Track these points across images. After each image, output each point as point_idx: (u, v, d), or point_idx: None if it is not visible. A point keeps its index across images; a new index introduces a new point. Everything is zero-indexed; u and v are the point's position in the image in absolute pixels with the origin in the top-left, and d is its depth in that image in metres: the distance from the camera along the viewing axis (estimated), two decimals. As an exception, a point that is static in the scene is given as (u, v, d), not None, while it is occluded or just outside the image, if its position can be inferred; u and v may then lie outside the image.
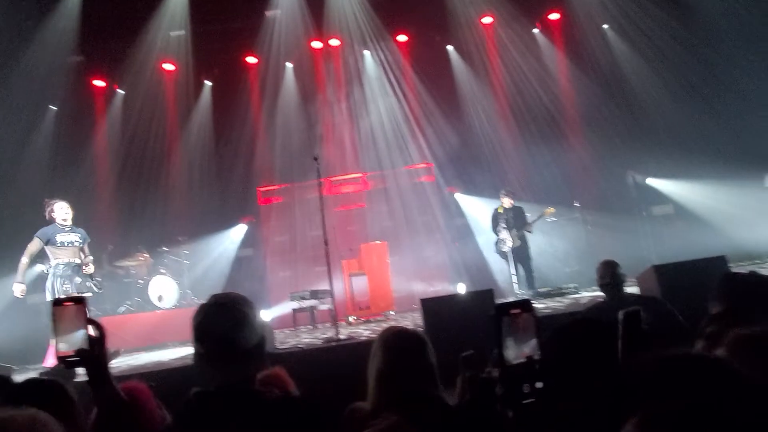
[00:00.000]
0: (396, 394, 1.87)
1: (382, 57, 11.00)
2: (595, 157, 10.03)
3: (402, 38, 11.14)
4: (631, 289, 4.69)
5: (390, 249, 8.49)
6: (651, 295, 4.39)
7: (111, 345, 1.67)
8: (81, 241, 6.05)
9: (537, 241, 8.53)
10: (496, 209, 8.25)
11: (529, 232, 8.14)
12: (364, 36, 10.87)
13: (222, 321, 1.66)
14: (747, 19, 8.94)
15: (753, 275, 2.29)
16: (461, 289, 8.03)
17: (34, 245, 5.81)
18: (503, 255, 8.20)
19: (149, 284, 8.51)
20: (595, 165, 10.02)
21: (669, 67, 9.74)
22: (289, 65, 11.10)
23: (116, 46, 10.03)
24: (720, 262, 4.51)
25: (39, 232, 5.84)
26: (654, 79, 9.93)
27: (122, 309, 8.40)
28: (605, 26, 10.79)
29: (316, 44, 11.01)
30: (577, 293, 7.53)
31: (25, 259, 5.78)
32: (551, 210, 8.23)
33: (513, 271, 7.92)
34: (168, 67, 10.80)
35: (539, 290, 7.84)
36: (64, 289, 5.81)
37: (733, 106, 9.01)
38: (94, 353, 1.57)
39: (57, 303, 1.56)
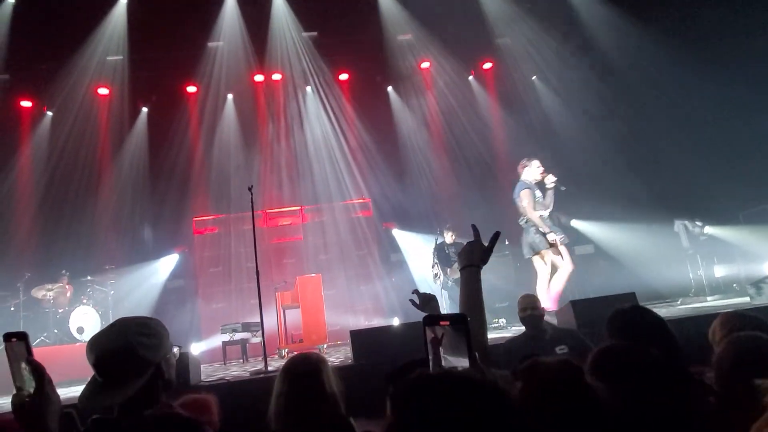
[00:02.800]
0: (296, 419, 1.91)
1: (324, 93, 11.24)
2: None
3: (343, 77, 11.45)
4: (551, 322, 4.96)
5: (325, 282, 8.51)
6: (568, 327, 4.65)
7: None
8: None
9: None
10: (441, 243, 8.47)
11: None
12: (306, 72, 11.11)
13: (106, 342, 1.63)
14: (661, 81, 9.87)
15: (636, 310, 2.52)
16: (396, 323, 8.14)
17: None
18: (443, 287, 8.39)
19: (70, 315, 8.07)
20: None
21: (590, 119, 10.53)
22: (229, 96, 11.12)
23: (48, 66, 9.73)
24: (630, 298, 4.86)
25: None
26: (577, 130, 10.69)
27: (37, 341, 7.89)
28: (534, 77, 11.57)
29: (258, 77, 11.12)
30: (505, 327, 7.81)
31: None
32: None
33: (445, 306, 8.12)
34: (102, 91, 10.55)
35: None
36: None
37: (647, 157, 9.83)
38: (32, 405, 1.36)
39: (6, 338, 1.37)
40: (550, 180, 6.62)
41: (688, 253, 8.20)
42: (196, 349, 7.97)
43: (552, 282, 6.52)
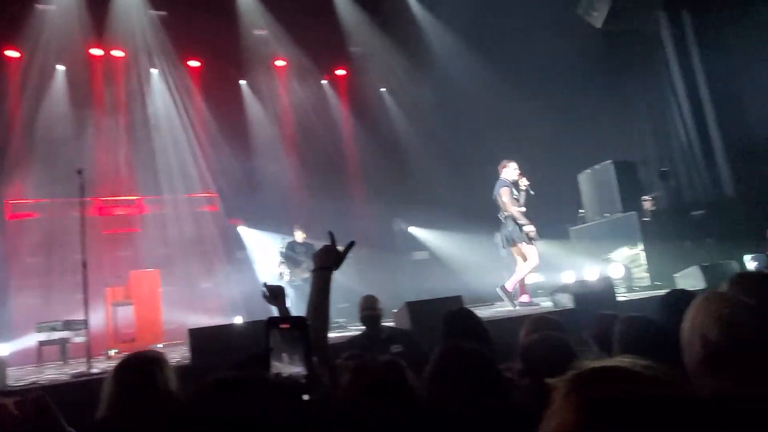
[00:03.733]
0: (131, 423, 1.85)
1: (171, 79, 10.63)
2: (369, 203, 11.10)
3: (194, 64, 10.95)
4: (389, 323, 5.39)
5: (164, 278, 8.11)
6: (403, 328, 5.08)
7: None
8: None
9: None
10: (290, 241, 8.49)
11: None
12: (153, 53, 10.42)
13: None
14: (497, 109, 11.06)
15: (462, 312, 2.99)
16: (238, 321, 8.03)
17: None
18: (289, 286, 8.43)
19: None
20: (368, 210, 11.08)
21: (431, 135, 11.45)
22: (60, 68, 9.98)
23: None
24: (457, 300, 5.46)
25: None
26: (419, 144, 11.56)
27: None
28: (383, 89, 12.21)
29: (96, 51, 10.15)
30: (344, 327, 8.16)
31: None
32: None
33: (289, 305, 8.21)
34: None
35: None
36: None
37: (476, 175, 10.93)
38: None
39: None
40: (524, 183, 7.14)
41: (505, 262, 9.34)
42: (2, 350, 7.06)
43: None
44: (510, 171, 7.21)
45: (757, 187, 8.70)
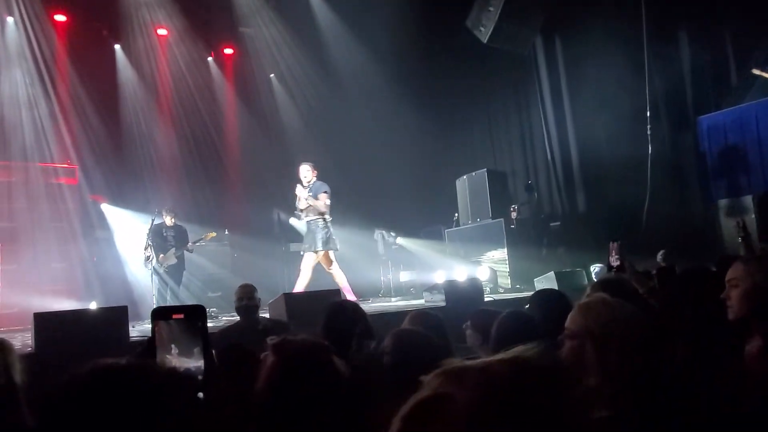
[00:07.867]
0: None
1: (31, 31, 9.39)
2: (248, 191, 10.75)
3: (60, 18, 9.79)
4: (263, 314, 5.26)
5: (5, 255, 7.15)
6: (279, 319, 5.00)
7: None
8: None
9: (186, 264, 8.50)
10: (158, 224, 7.93)
11: (189, 251, 8.12)
12: (10, -2, 9.16)
13: None
14: (385, 111, 11.27)
15: (345, 303, 3.07)
16: (93, 307, 7.33)
17: None
18: (154, 272, 7.88)
19: None
20: (247, 197, 10.73)
21: (318, 126, 11.40)
22: None
23: None
24: (336, 294, 5.50)
25: None
26: (305, 134, 11.44)
27: None
28: (272, 75, 11.89)
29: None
30: (215, 318, 7.83)
31: None
32: (213, 234, 8.41)
33: (154, 291, 7.70)
34: None
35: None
36: None
37: (360, 170, 11.11)
38: None
39: None
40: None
41: (382, 259, 9.59)
42: None
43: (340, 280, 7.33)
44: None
45: (603, 207, 9.79)
